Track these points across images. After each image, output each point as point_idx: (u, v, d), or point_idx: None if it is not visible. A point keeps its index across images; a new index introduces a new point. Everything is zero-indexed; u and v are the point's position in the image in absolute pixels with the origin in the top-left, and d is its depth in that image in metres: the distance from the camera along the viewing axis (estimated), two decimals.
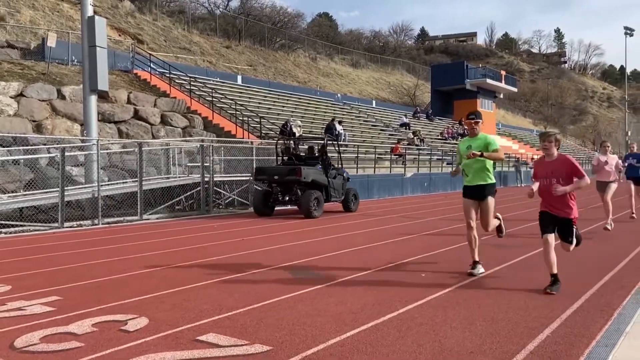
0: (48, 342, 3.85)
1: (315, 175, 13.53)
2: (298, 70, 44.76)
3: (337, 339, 3.86)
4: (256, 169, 14.51)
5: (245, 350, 3.67)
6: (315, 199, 13.18)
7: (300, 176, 13.08)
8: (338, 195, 14.34)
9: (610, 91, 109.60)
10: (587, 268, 6.48)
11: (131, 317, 4.42)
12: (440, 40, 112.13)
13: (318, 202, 13.28)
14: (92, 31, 13.78)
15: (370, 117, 34.16)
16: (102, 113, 16.94)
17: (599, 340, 3.84)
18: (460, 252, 7.72)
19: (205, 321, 4.32)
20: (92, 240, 9.46)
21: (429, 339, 3.85)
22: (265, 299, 5.02)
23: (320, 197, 13.43)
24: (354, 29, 77.09)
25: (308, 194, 13.11)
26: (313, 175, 13.45)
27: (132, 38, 30.27)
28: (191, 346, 3.75)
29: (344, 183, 14.70)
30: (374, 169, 22.21)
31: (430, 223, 11.93)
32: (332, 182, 14.03)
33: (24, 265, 6.96)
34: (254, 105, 24.25)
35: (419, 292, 5.26)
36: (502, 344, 3.75)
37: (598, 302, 4.83)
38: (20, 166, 12.74)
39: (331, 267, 6.61)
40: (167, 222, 12.49)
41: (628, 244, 8.35)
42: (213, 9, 49.12)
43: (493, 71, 48.98)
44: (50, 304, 4.88)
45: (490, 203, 6.06)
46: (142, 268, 6.66)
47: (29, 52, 21.10)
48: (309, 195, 13.09)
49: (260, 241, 9.09)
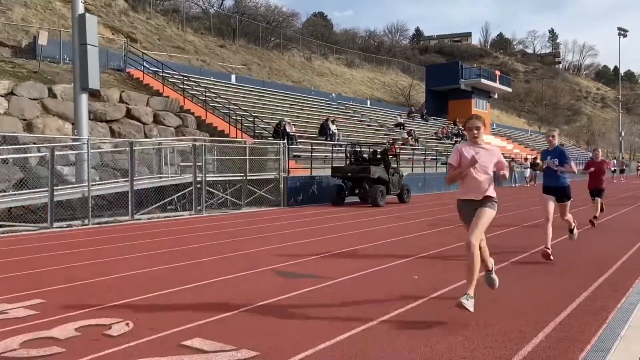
0: (29, 347, 3.73)
1: (380, 173, 16.79)
2: (293, 70, 44.63)
3: (327, 344, 3.76)
4: (333, 168, 17.95)
5: (231, 356, 3.57)
6: (380, 191, 16.47)
7: (369, 174, 16.41)
8: (395, 190, 17.57)
9: (604, 91, 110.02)
10: (580, 271, 6.41)
11: (116, 321, 4.30)
12: (435, 40, 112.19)
13: (382, 194, 16.56)
14: (82, 29, 13.62)
15: (364, 116, 34.08)
16: (94, 112, 16.78)
17: (594, 344, 3.76)
18: (451, 253, 7.64)
19: (191, 325, 4.21)
20: (82, 241, 9.32)
21: (420, 344, 3.76)
22: (254, 301, 4.92)
23: (384, 190, 16.70)
24: (348, 29, 76.93)
25: (375, 188, 16.42)
26: (379, 173, 16.73)
27: (125, 37, 30.06)
28: (176, 351, 3.65)
29: (399, 180, 17.86)
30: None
31: (424, 223, 11.85)
32: (391, 178, 17.25)
33: (9, 266, 6.82)
34: (248, 105, 24.11)
35: (410, 294, 5.17)
36: (495, 349, 3.67)
37: (592, 306, 4.76)
38: (10, 165, 12.58)
39: (321, 269, 6.51)
40: (159, 222, 12.36)
41: (620, 247, 8.29)
42: (207, 7, 48.89)
43: (487, 71, 49.01)
44: (33, 307, 4.76)
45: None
46: (130, 270, 6.54)
47: (20, 50, 20.90)
48: (376, 188, 16.41)
49: (255, 241, 8.99)
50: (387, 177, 17.08)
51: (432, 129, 38.14)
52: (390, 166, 17.46)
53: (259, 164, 17.32)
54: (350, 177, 17.11)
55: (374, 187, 16.46)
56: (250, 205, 16.10)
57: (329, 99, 34.81)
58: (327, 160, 20.47)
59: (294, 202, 17.08)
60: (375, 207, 15.95)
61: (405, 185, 18.29)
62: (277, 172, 16.90)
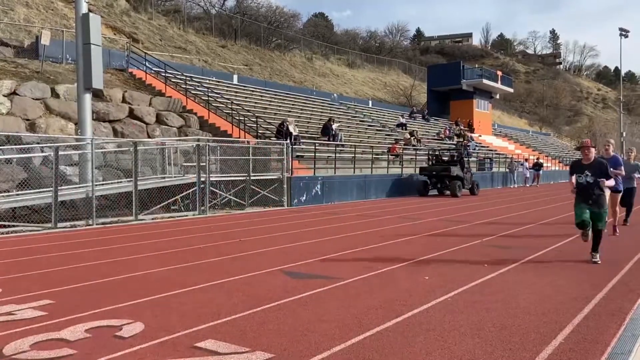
0: (39, 349, 3.67)
1: (457, 171, 21.87)
2: (294, 70, 44.56)
3: (342, 346, 3.70)
4: (420, 168, 23.36)
5: (246, 357, 3.51)
6: (458, 185, 21.46)
7: (450, 172, 21.64)
8: (468, 185, 22.53)
9: (605, 92, 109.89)
10: (592, 272, 6.35)
11: (126, 322, 4.24)
12: (436, 41, 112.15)
13: (459, 187, 21.49)
14: (86, 28, 13.55)
15: (366, 117, 34.01)
16: (97, 112, 16.70)
17: (614, 346, 3.70)
18: (460, 254, 7.58)
19: (203, 326, 4.15)
20: (86, 241, 9.26)
21: (437, 346, 3.69)
22: (266, 302, 4.86)
23: (461, 185, 21.69)
24: (349, 29, 76.89)
25: (454, 183, 21.50)
26: (457, 171, 21.82)
27: (127, 37, 29.99)
28: (189, 353, 3.59)
29: (471, 177, 23.07)
30: (371, 169, 22.07)
31: (431, 224, 11.78)
32: (465, 176, 22.22)
33: (15, 267, 6.76)
34: (250, 105, 24.04)
35: (424, 295, 5.11)
36: (514, 351, 3.60)
37: (609, 307, 4.69)
38: (13, 165, 12.52)
39: (332, 268, 6.45)
40: (163, 222, 12.29)
41: (629, 249, 8.23)
42: (209, 8, 48.84)
43: (489, 71, 48.90)
44: (42, 308, 4.70)
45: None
46: (138, 270, 6.47)
47: (23, 50, 20.82)
48: (455, 183, 21.46)
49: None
50: (462, 175, 21.99)
51: (433, 130, 38.06)
52: (465, 166, 22.41)
53: (262, 164, 17.26)
54: (435, 175, 22.23)
55: (453, 182, 21.45)
56: (253, 206, 16.04)
57: (330, 100, 34.73)
58: (330, 161, 20.42)
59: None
60: (454, 197, 20.66)
61: (475, 181, 23.39)
62: (281, 172, 16.84)
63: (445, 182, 21.85)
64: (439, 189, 22.32)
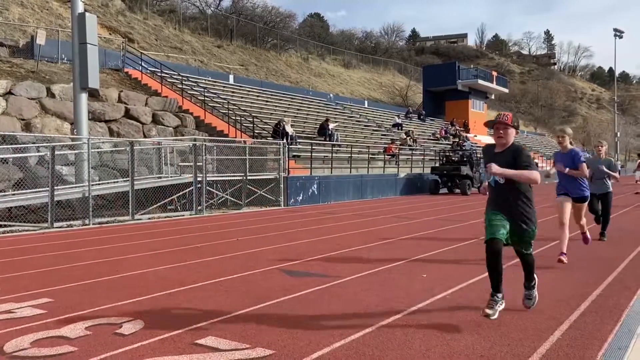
0: (39, 346, 3.67)
1: (467, 171, 23.04)
2: (290, 70, 44.57)
3: (342, 343, 3.72)
4: (432, 167, 24.59)
5: (247, 354, 3.52)
6: (467, 184, 22.59)
7: (460, 172, 22.88)
8: (477, 184, 23.08)
9: (599, 92, 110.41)
10: (588, 269, 6.40)
11: (126, 320, 4.25)
12: (431, 41, 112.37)
13: (469, 186, 22.59)
14: (82, 28, 13.53)
15: (362, 117, 34.06)
16: (93, 112, 16.67)
17: (611, 342, 3.73)
18: (458, 252, 7.61)
19: (203, 324, 4.16)
20: (83, 240, 9.24)
21: (437, 342, 3.72)
22: (265, 300, 4.87)
23: (470, 184, 22.74)
24: (345, 30, 76.93)
25: (464, 182, 22.70)
26: (466, 171, 23.00)
27: (123, 37, 29.91)
28: (190, 350, 3.60)
29: (480, 176, 23.29)
30: (367, 169, 22.11)
31: (428, 223, 11.82)
32: (474, 175, 23.30)
33: (13, 266, 6.75)
34: (247, 105, 24.05)
35: (423, 293, 5.14)
36: (512, 347, 3.63)
37: (605, 304, 4.73)
38: (9, 165, 12.48)
39: (330, 266, 6.47)
40: (160, 222, 12.29)
41: (624, 247, 8.28)
42: (204, 8, 48.82)
43: (484, 72, 49.07)
44: (41, 307, 4.70)
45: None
46: (136, 269, 6.48)
47: (18, 49, 20.76)
48: (465, 182, 22.66)
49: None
50: (472, 174, 23.20)
51: (429, 130, 38.15)
52: (474, 166, 23.56)
53: (259, 164, 17.27)
54: (446, 174, 23.50)
55: (463, 181, 22.71)
56: (250, 205, 16.04)
57: (327, 100, 34.76)
58: (326, 161, 20.45)
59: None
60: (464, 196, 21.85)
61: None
62: (277, 171, 16.85)
63: (455, 181, 23.05)
64: (449, 188, 23.49)
